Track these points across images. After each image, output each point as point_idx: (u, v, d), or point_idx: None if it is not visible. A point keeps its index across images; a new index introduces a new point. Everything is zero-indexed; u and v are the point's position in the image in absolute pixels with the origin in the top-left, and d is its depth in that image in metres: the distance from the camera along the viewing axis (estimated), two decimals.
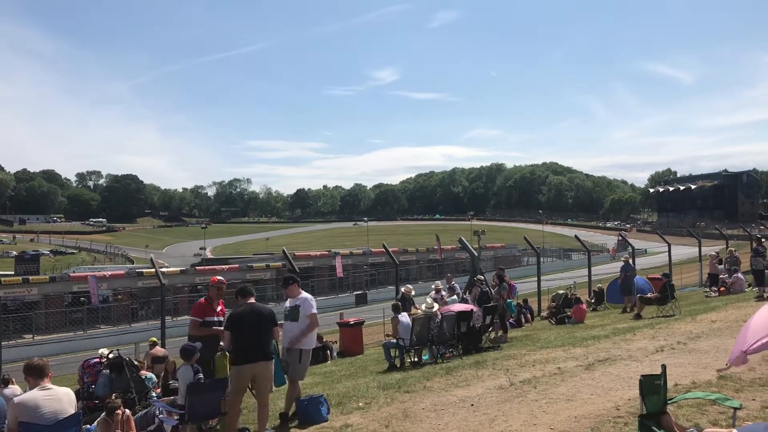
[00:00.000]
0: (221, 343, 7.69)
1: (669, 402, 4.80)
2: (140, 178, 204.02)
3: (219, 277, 8.75)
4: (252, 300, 7.44)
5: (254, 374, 7.02)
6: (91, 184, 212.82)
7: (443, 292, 16.99)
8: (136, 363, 10.50)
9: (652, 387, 4.34)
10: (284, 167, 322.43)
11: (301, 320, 7.88)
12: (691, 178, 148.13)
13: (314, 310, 7.97)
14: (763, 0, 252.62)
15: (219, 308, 8.39)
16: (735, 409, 4.46)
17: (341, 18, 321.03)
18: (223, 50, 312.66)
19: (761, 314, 3.96)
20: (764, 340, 3.64)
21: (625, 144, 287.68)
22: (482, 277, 15.88)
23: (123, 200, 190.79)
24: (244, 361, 6.96)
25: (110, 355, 9.63)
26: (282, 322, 7.96)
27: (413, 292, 16.68)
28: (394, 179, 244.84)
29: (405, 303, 15.09)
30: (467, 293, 16.24)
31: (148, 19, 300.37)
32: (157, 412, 7.59)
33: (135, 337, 25.99)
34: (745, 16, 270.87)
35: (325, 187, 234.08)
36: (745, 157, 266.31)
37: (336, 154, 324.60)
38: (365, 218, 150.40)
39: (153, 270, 17.40)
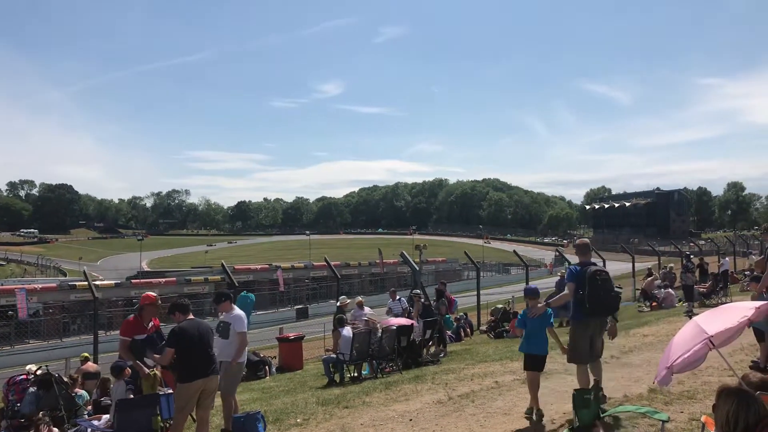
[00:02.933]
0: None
1: (602, 416, 4.91)
2: (75, 189, 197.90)
3: (151, 293, 8.51)
4: (191, 316, 7.28)
5: (203, 389, 6.87)
6: (23, 193, 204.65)
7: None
8: (66, 380, 10.13)
9: (583, 401, 4.44)
10: (224, 179, 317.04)
11: (231, 338, 7.77)
12: (626, 196, 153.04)
13: (244, 329, 7.87)
14: (696, 26, 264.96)
15: (151, 324, 8.19)
16: (663, 422, 4.60)
17: (285, 30, 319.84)
18: (162, 59, 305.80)
19: (682, 332, 4.10)
20: (686, 357, 3.76)
21: (564, 161, 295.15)
22: (419, 292, 15.89)
23: (56, 211, 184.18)
24: (194, 377, 6.78)
25: (38, 372, 9.26)
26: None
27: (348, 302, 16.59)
28: (338, 193, 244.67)
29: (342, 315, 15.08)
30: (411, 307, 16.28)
31: (86, 26, 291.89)
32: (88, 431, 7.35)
33: (66, 353, 25.05)
34: (679, 41, 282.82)
35: (266, 199, 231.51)
36: (676, 177, 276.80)
37: (278, 167, 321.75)
38: (307, 231, 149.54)
39: (86, 283, 16.85)
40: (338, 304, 15.91)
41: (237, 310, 8.02)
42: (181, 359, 6.81)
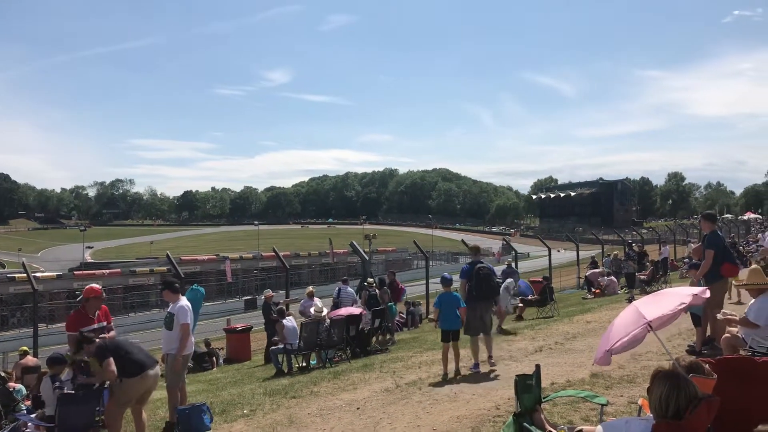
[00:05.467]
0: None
1: (544, 400, 5.00)
2: (13, 178, 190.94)
3: (95, 285, 8.25)
4: (181, 299, 7.70)
5: (149, 384, 6.76)
6: None
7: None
8: (3, 374, 9.82)
9: (526, 386, 4.50)
10: (170, 168, 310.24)
11: (175, 329, 7.63)
12: (571, 186, 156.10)
13: (188, 320, 7.71)
14: (638, 19, 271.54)
15: (97, 314, 7.97)
16: (602, 405, 4.70)
17: (231, 16, 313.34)
18: (104, 45, 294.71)
19: (622, 316, 4.21)
20: (624, 340, 3.86)
21: (511, 152, 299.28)
22: (372, 280, 15.96)
23: None
24: (141, 369, 6.61)
25: None
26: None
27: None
28: (286, 182, 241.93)
29: (267, 308, 15.17)
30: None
31: (24, 7, 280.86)
32: (26, 426, 7.14)
33: (4, 347, 24.34)
34: (622, 33, 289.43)
35: (213, 189, 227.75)
36: (619, 167, 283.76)
37: (225, 156, 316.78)
38: (256, 222, 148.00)
39: (25, 275, 16.32)
40: (263, 297, 15.89)
41: (182, 301, 7.84)
42: (122, 358, 6.65)
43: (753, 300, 6.66)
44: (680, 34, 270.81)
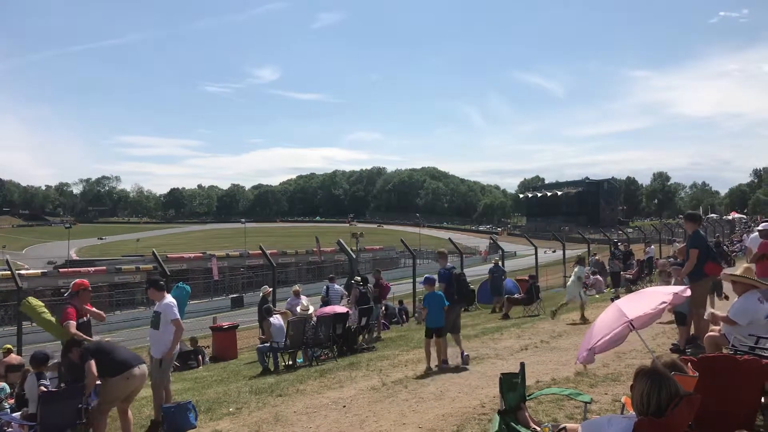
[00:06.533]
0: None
1: (528, 398, 5.03)
2: None
3: (84, 279, 8.18)
4: (167, 297, 7.74)
5: (136, 383, 6.77)
6: None
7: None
8: None
9: (511, 384, 4.54)
10: (156, 165, 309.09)
11: (162, 327, 7.56)
12: (558, 185, 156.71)
13: (177, 316, 7.67)
14: (626, 19, 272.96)
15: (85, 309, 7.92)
16: (586, 403, 4.75)
17: (219, 13, 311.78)
18: (90, 41, 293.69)
19: (604, 315, 4.25)
20: (607, 338, 3.90)
21: (499, 151, 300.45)
22: (359, 279, 15.96)
23: None
24: (126, 367, 6.62)
25: None
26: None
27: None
28: (274, 180, 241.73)
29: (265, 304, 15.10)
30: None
31: (9, 2, 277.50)
32: (9, 426, 7.09)
33: None
34: (610, 33, 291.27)
35: (200, 186, 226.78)
36: (605, 166, 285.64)
37: (212, 153, 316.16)
38: (243, 219, 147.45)
39: (9, 272, 16.18)
40: (261, 293, 15.83)
41: (168, 299, 7.77)
42: (105, 358, 6.62)
43: (737, 297, 6.72)
44: (667, 35, 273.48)
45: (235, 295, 48.28)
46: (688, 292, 4.42)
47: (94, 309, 7.88)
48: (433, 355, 9.69)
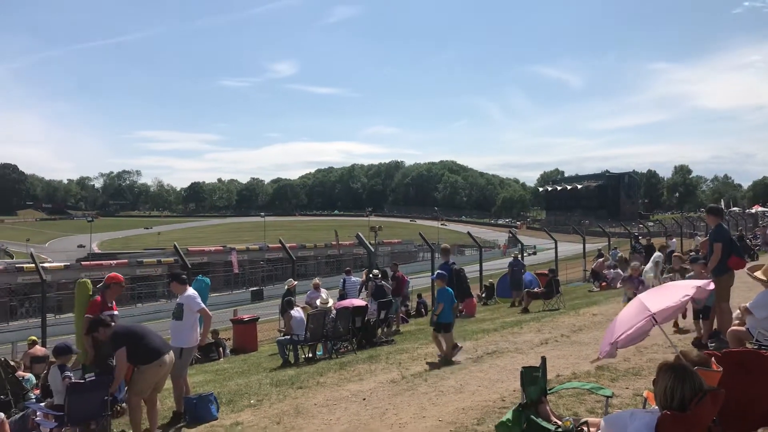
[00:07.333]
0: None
1: (549, 392, 5.02)
2: (21, 169, 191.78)
3: (118, 274, 8.28)
4: (189, 289, 7.84)
5: (166, 370, 6.88)
6: None
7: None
8: (12, 363, 9.90)
9: (531, 378, 4.53)
10: (176, 159, 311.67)
11: (185, 319, 7.65)
12: (578, 178, 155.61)
13: (201, 305, 7.76)
14: (645, 11, 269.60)
15: (113, 304, 8.04)
16: (607, 397, 4.72)
17: (237, 8, 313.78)
18: (109, 36, 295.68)
19: (627, 309, 4.22)
20: (629, 332, 3.88)
21: (518, 144, 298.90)
22: (377, 272, 15.98)
23: (2, 191, 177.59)
24: (157, 355, 6.71)
25: None
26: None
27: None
28: (292, 174, 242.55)
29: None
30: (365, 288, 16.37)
31: None
32: (35, 415, 7.20)
33: (12, 336, 24.49)
34: (629, 25, 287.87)
35: (220, 180, 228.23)
36: (626, 159, 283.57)
37: (231, 147, 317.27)
38: (262, 213, 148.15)
39: (34, 265, 16.41)
40: (286, 286, 15.89)
41: (189, 290, 7.88)
42: (137, 346, 6.69)
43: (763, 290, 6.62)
44: (688, 26, 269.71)
45: (255, 288, 48.56)
46: (712, 286, 4.37)
47: (116, 312, 7.98)
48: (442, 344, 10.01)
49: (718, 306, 8.35)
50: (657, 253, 15.88)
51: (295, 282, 16.37)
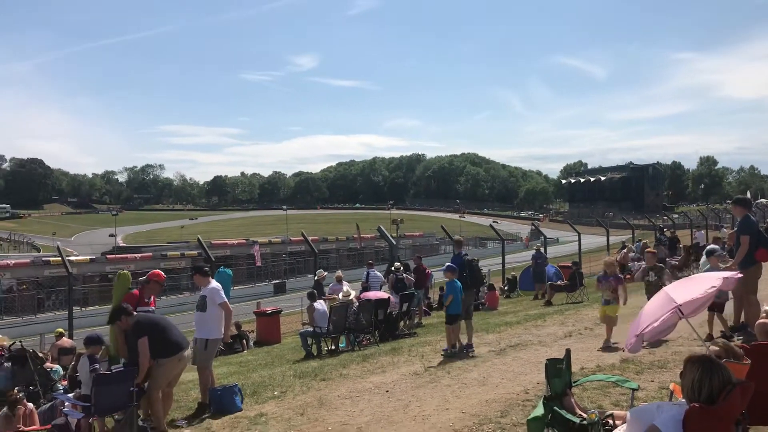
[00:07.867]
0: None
1: (573, 384, 4.98)
2: (46, 163, 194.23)
3: (160, 271, 8.33)
4: (212, 281, 7.95)
5: (184, 364, 6.99)
6: None
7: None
8: (40, 355, 10.07)
9: (556, 370, 4.50)
10: (199, 153, 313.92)
11: (209, 310, 7.72)
12: (601, 170, 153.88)
13: (223, 299, 7.82)
14: (671, 1, 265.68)
15: (152, 299, 8.10)
16: (633, 390, 4.68)
17: (258, 2, 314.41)
18: (131, 31, 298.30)
19: (652, 301, 4.17)
20: (655, 325, 3.83)
21: (540, 136, 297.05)
22: (399, 265, 15.99)
23: (28, 185, 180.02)
24: (177, 350, 6.78)
25: (12, 347, 9.18)
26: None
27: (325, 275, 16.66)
28: (313, 167, 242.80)
29: (320, 288, 15.14)
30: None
31: None
32: (63, 405, 7.31)
33: (40, 328, 24.87)
34: (653, 15, 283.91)
35: (242, 174, 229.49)
36: (650, 151, 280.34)
37: (253, 141, 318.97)
38: (284, 206, 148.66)
39: (60, 258, 16.66)
40: (316, 277, 15.95)
41: (213, 283, 7.95)
42: (158, 338, 6.75)
43: None
44: (713, 16, 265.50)
45: (277, 281, 48.76)
46: (739, 275, 4.31)
47: (153, 308, 8.06)
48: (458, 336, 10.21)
49: (746, 298, 8.25)
50: (712, 246, 15.31)
51: (326, 273, 16.50)
